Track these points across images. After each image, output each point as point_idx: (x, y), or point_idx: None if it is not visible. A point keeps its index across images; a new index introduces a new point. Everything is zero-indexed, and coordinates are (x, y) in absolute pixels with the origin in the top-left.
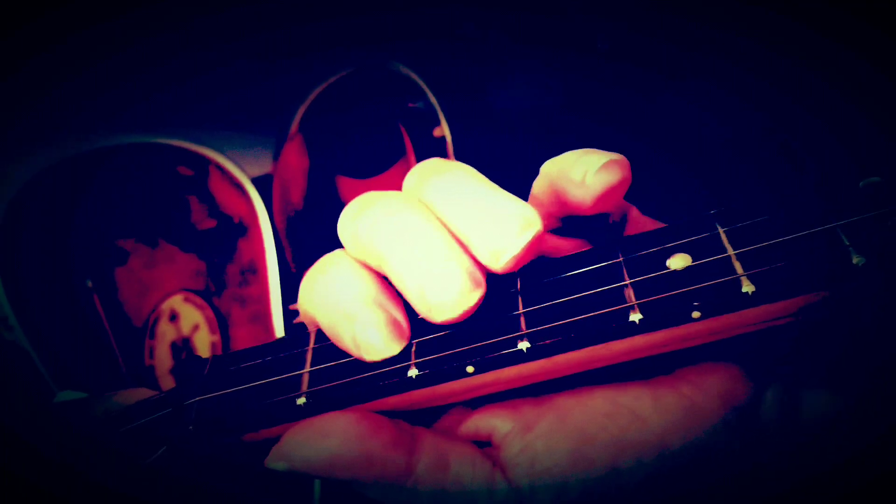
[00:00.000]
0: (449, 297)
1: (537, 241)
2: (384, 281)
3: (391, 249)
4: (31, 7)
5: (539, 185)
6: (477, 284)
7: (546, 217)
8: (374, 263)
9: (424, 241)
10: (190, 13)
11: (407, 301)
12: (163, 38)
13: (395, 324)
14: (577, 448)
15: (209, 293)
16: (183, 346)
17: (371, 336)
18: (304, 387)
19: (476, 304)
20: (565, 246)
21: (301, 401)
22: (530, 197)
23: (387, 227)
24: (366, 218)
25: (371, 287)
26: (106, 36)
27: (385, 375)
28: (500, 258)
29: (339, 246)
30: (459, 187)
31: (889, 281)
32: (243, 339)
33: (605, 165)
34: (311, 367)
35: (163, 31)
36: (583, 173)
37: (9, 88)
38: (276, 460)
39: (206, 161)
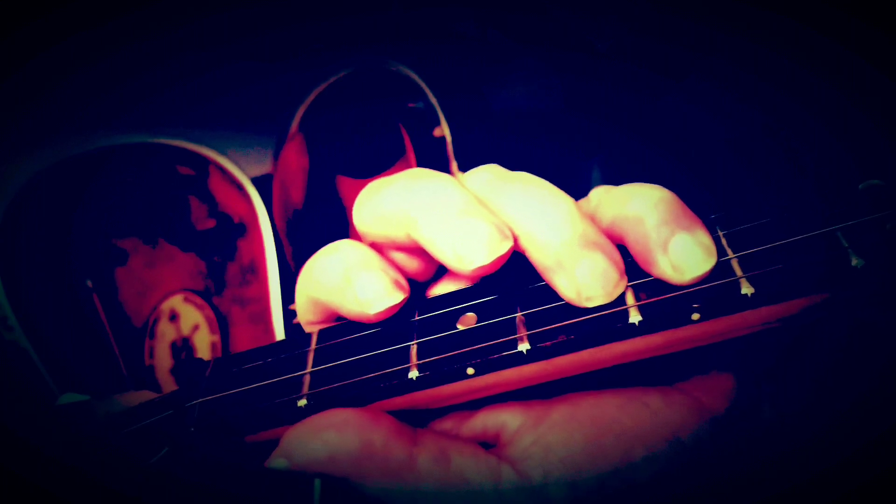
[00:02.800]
0: (480, 245)
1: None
2: (384, 253)
3: (420, 208)
4: (31, 7)
5: (590, 210)
6: (505, 237)
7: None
8: (397, 232)
9: (453, 199)
10: (190, 13)
11: (439, 260)
12: (163, 38)
13: (394, 279)
14: (590, 438)
15: (209, 293)
16: (183, 346)
17: (371, 286)
18: (306, 388)
19: (506, 253)
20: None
21: (302, 402)
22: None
23: (414, 189)
24: (390, 188)
25: (369, 255)
26: (106, 36)
27: (386, 377)
28: (554, 271)
29: None
30: (521, 192)
31: (887, 283)
32: (243, 339)
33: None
34: (313, 368)
35: (163, 32)
36: (662, 242)
37: (9, 88)
38: (276, 459)
39: (206, 161)
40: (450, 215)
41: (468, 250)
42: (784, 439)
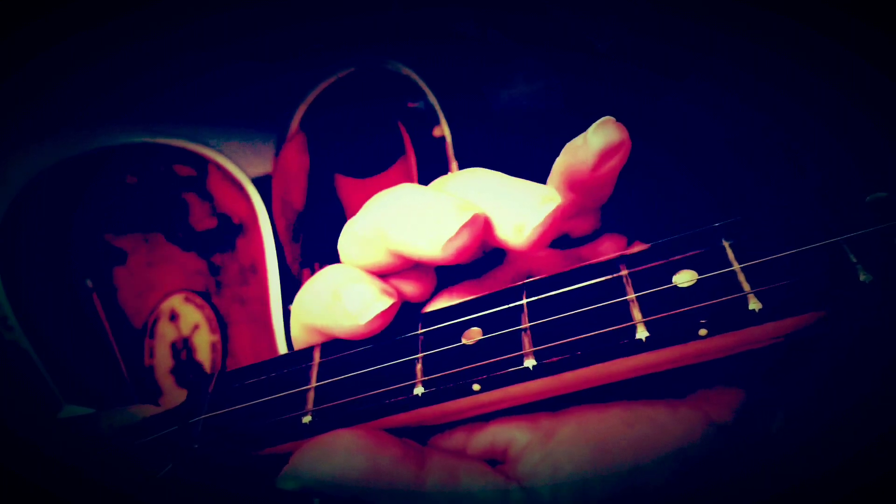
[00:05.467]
0: (445, 222)
1: (558, 214)
2: (370, 271)
3: (386, 217)
4: (31, 7)
5: (551, 178)
6: (467, 207)
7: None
8: (377, 251)
9: (412, 197)
10: (190, 13)
11: (419, 258)
12: (163, 38)
13: (381, 287)
14: (598, 455)
15: (209, 293)
16: (183, 346)
17: (359, 297)
18: (310, 404)
19: (472, 220)
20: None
21: (307, 419)
22: None
23: (377, 206)
24: (359, 216)
25: (354, 271)
26: (106, 36)
27: (391, 393)
28: (524, 231)
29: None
30: (477, 178)
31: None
32: (243, 338)
33: (601, 123)
34: (317, 382)
35: (163, 32)
36: (583, 136)
37: (9, 88)
38: (285, 480)
39: (206, 161)
40: (413, 209)
41: (437, 232)
42: (785, 442)
